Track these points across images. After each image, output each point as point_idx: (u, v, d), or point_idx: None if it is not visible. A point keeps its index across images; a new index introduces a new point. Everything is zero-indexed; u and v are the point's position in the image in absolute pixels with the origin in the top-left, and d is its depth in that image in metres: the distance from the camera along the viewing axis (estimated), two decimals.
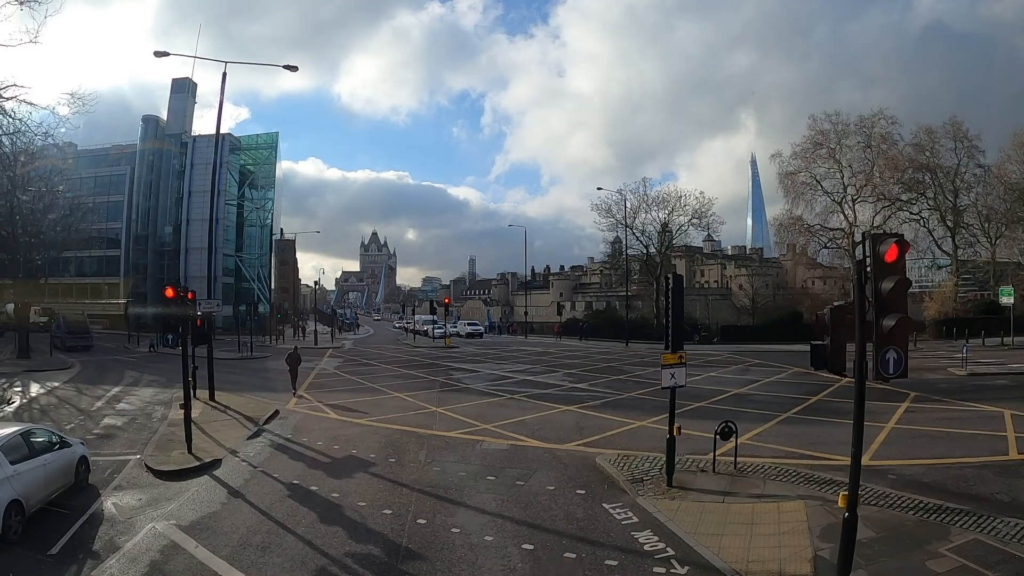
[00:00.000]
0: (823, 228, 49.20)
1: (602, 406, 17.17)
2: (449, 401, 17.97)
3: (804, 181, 48.72)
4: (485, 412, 16.36)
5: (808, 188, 48.68)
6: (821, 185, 48.57)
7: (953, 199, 45.41)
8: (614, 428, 14.21)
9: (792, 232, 50.84)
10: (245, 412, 16.27)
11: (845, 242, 48.82)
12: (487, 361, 31.36)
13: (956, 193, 45.38)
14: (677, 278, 10.46)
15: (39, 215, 36.68)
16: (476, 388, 20.96)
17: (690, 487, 10.13)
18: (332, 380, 23.64)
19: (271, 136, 67.39)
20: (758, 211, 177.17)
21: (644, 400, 18.24)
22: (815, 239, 50.17)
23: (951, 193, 45.32)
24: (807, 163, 48.60)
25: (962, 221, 45.85)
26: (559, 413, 16.26)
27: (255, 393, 19.86)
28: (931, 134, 45.67)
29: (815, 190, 48.75)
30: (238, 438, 13.69)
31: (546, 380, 22.91)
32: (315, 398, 18.75)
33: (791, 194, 49.14)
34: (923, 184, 45.47)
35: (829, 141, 47.52)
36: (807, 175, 48.73)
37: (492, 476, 10.63)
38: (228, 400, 18.05)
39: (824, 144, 47.68)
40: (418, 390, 20.22)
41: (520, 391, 19.95)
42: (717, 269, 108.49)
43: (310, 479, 10.59)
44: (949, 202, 45.37)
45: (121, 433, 14.49)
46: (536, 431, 14.00)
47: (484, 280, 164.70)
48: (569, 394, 19.57)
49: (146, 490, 10.30)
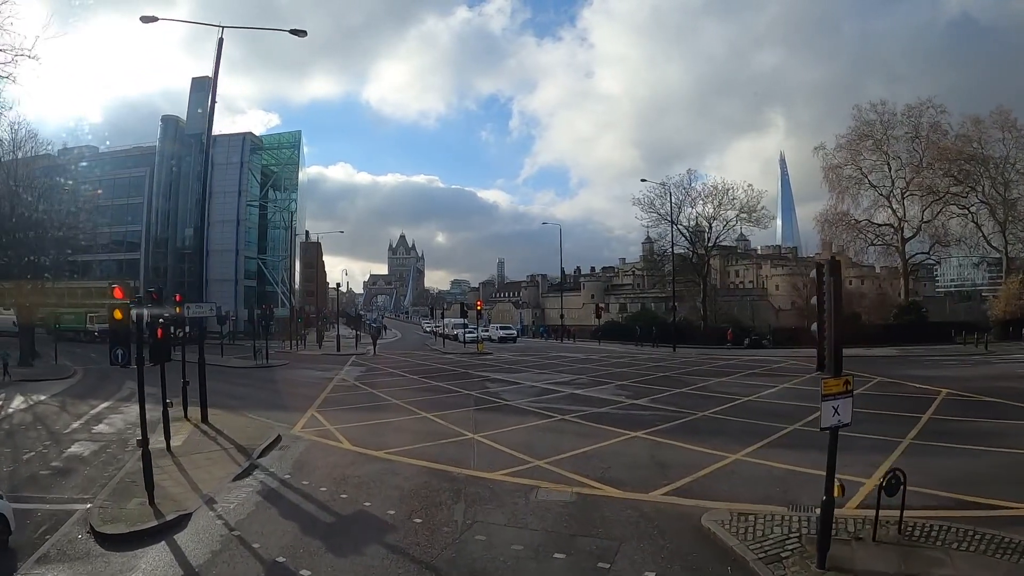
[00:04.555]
0: (870, 224, 46.18)
1: (677, 431, 13.75)
2: (487, 424, 14.72)
3: (850, 174, 46.07)
4: (534, 440, 13.07)
5: (854, 182, 45.97)
6: (868, 179, 45.79)
7: (1003, 192, 42.27)
8: (704, 465, 10.80)
9: (838, 228, 47.41)
10: (239, 439, 13.27)
11: (894, 238, 45.64)
12: (525, 370, 28.08)
13: (1007, 185, 42.37)
14: (834, 264, 7.00)
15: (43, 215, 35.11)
16: (518, 405, 17.66)
17: (850, 568, 6.77)
18: (350, 395, 20.59)
19: (293, 135, 65.41)
20: (787, 210, 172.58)
21: (725, 422, 14.83)
22: (861, 236, 46.85)
23: (1001, 185, 42.33)
24: (853, 155, 45.86)
25: (1013, 214, 42.55)
26: (626, 442, 12.88)
27: (259, 411, 16.92)
28: (978, 124, 42.77)
29: (861, 184, 45.94)
30: (222, 478, 10.65)
31: (598, 395, 19.53)
32: (327, 419, 15.68)
33: (836, 188, 46.52)
34: (974, 176, 42.37)
35: (875, 132, 44.72)
36: (853, 168, 46.00)
37: (561, 553, 7.32)
38: (224, 421, 15.15)
39: (870, 135, 44.84)
40: (449, 408, 16.99)
41: (571, 410, 16.59)
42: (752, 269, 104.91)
43: (302, 555, 7.42)
44: (999, 195, 42.32)
45: (81, 468, 11.60)
46: (605, 470, 10.66)
47: (513, 282, 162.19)
48: (630, 414, 16.19)
49: (78, 565, 7.33)
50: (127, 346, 8.78)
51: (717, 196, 49.93)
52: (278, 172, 66.46)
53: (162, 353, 9.61)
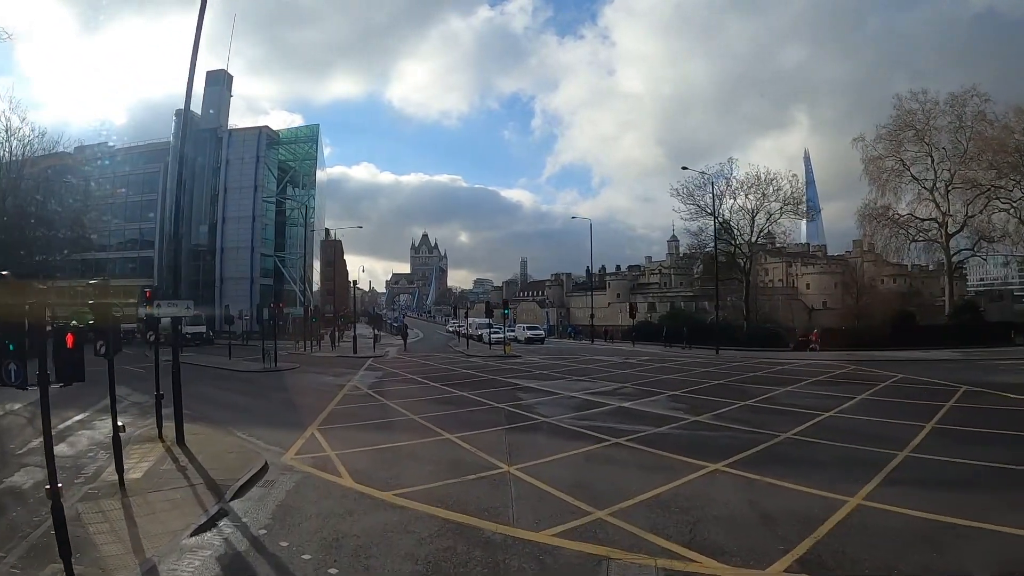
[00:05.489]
0: (913, 218, 43.80)
1: (764, 461, 10.66)
2: (524, 450, 11.77)
3: (891, 167, 43.69)
4: (587, 476, 10.12)
5: (895, 175, 43.58)
6: (909, 171, 43.24)
7: None
8: (821, 516, 7.70)
9: (879, 223, 45.04)
10: (215, 469, 10.58)
11: (938, 233, 43.12)
12: (559, 377, 25.03)
13: None
14: None
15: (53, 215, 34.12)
16: (558, 423, 14.69)
17: None
18: (361, 407, 17.68)
19: (311, 128, 63.28)
20: (812, 209, 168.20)
21: (816, 447, 11.78)
22: (902, 231, 44.35)
23: None
24: (894, 147, 43.40)
25: None
26: (707, 479, 9.84)
27: (251, 428, 14.24)
28: (1021, 114, 40.20)
29: (902, 176, 43.51)
30: (177, 532, 7.90)
31: (651, 409, 16.49)
32: (329, 440, 12.88)
33: (877, 181, 44.28)
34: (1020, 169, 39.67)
35: (916, 122, 42.30)
36: (894, 160, 43.57)
37: None
38: (203, 442, 12.51)
39: (912, 125, 42.45)
40: (476, 427, 14.03)
41: (624, 430, 13.57)
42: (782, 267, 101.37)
43: None
44: None
45: (12, 506, 8.97)
46: (693, 527, 7.64)
47: (536, 281, 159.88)
48: (697, 435, 13.18)
49: None
50: (22, 359, 6.07)
51: (760, 186, 46.47)
52: (296, 167, 64.44)
53: (72, 369, 6.86)
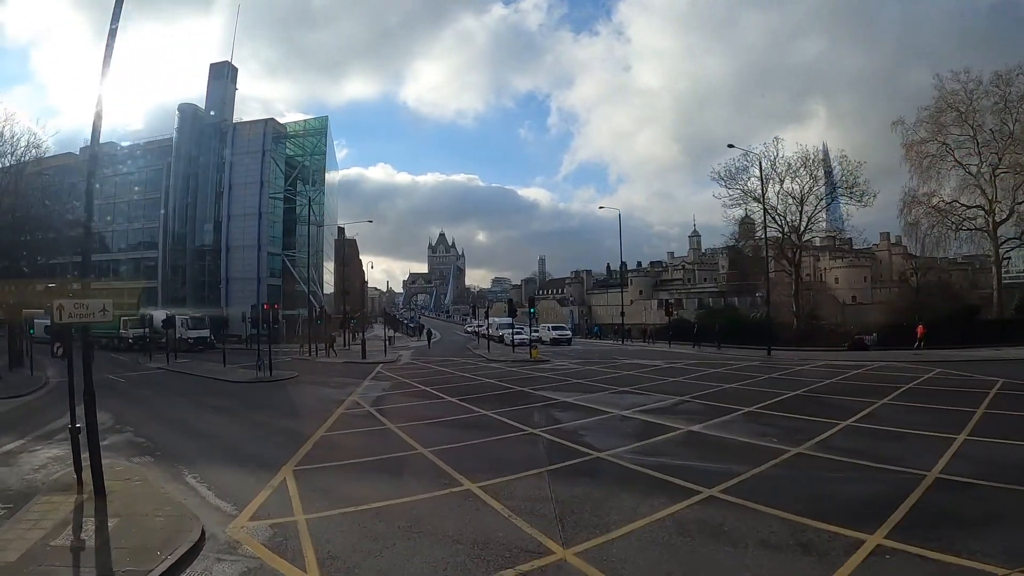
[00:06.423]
0: (958, 205, 40.74)
1: (933, 523, 6.70)
2: (582, 513, 7.84)
3: (933, 152, 40.75)
4: (691, 570, 6.34)
5: (937, 160, 40.65)
6: (953, 155, 40.10)
7: None
8: None
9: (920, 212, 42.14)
10: (125, 548, 6.90)
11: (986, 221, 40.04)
12: (600, 387, 20.96)
13: None
14: None
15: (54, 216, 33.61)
16: (617, 461, 10.65)
17: None
18: (356, 436, 13.61)
19: (320, 120, 60.11)
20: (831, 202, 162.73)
21: (985, 491, 7.75)
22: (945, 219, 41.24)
23: None
24: (936, 130, 40.50)
25: None
26: (875, 566, 5.99)
27: (208, 468, 10.59)
28: None
29: (945, 160, 40.45)
30: None
31: (733, 436, 12.49)
32: (303, 493, 9.02)
33: (918, 168, 41.43)
34: None
35: (959, 104, 39.34)
36: (936, 144, 40.59)
37: None
38: (132, 494, 8.91)
39: (954, 107, 39.51)
40: (507, 470, 10.01)
41: (710, 471, 9.64)
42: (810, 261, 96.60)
43: None
44: None
45: None
46: None
47: (556, 280, 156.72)
48: (813, 478, 9.31)
49: None
50: None
51: (809, 168, 42.22)
52: (305, 163, 61.46)
53: None
